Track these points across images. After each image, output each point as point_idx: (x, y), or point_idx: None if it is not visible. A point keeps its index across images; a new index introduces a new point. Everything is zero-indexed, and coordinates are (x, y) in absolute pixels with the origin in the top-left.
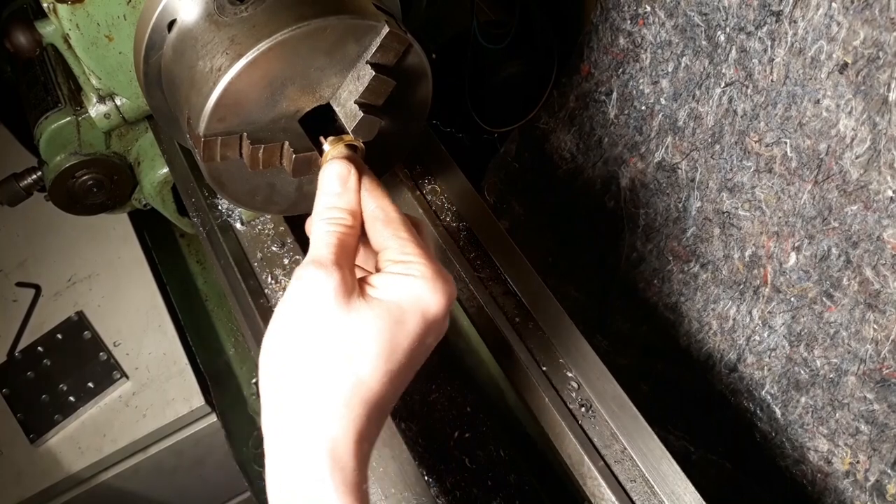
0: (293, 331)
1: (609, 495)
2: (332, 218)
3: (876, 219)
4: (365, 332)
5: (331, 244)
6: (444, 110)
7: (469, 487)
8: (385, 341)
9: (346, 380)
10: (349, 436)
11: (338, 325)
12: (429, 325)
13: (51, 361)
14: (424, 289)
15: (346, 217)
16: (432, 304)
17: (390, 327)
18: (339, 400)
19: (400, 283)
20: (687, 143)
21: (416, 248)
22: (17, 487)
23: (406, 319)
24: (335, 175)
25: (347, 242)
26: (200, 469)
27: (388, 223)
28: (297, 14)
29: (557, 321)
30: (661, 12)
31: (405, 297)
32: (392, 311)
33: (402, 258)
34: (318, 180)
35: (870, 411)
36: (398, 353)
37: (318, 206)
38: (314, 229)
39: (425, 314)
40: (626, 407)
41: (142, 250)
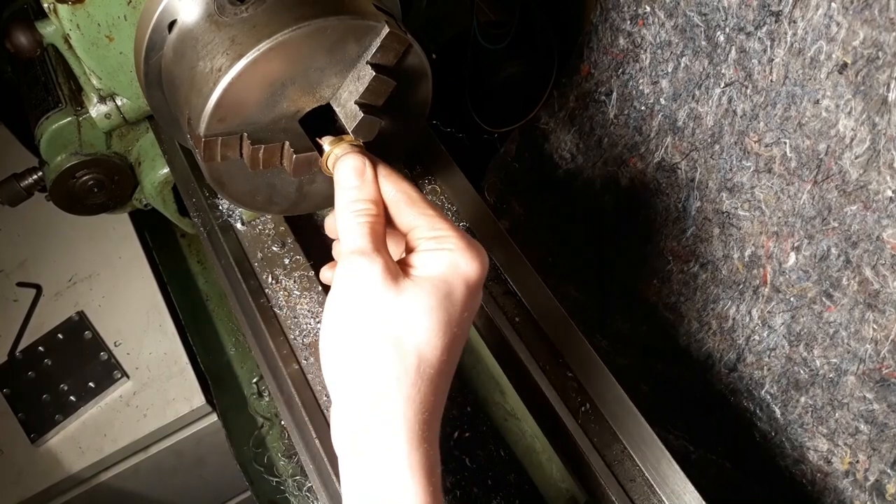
0: (349, 322)
1: (609, 495)
2: (358, 210)
3: (875, 219)
4: (418, 311)
5: (365, 233)
6: (444, 110)
7: (469, 487)
8: (438, 316)
9: (408, 360)
10: (420, 416)
11: (391, 307)
12: (472, 292)
13: (51, 361)
14: (462, 259)
15: (370, 207)
16: (472, 272)
17: (441, 301)
18: (405, 381)
19: (439, 257)
20: (686, 144)
21: (444, 222)
22: (17, 487)
23: (452, 291)
24: (351, 168)
25: (378, 230)
26: (201, 469)
27: (412, 203)
28: (298, 14)
29: (557, 321)
30: (660, 12)
31: (448, 270)
32: (438, 285)
33: (434, 234)
34: (335, 177)
35: (869, 411)
36: (452, 324)
37: (340, 201)
38: (342, 224)
39: (468, 282)
40: (626, 407)
41: (142, 250)
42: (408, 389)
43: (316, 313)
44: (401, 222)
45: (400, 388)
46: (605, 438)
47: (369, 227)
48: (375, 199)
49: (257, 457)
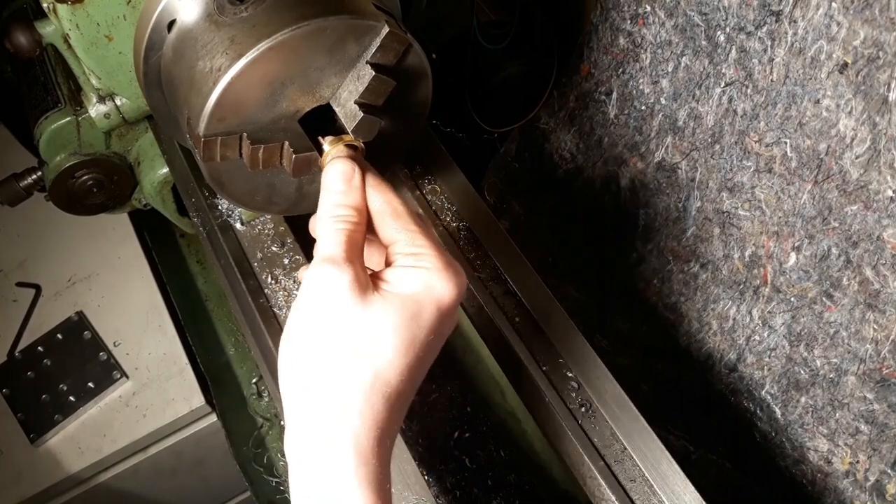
0: (310, 329)
1: (609, 495)
2: (338, 215)
3: (876, 219)
4: (382, 327)
5: (340, 241)
6: (444, 110)
7: (469, 487)
8: (402, 335)
9: (365, 376)
10: (372, 432)
11: (355, 321)
12: (443, 316)
13: (51, 361)
14: (437, 279)
15: (352, 214)
16: (446, 295)
17: (407, 321)
18: (359, 396)
19: (413, 275)
20: (687, 143)
21: (425, 239)
22: (17, 487)
23: (421, 311)
24: (339, 173)
25: (356, 239)
26: (200, 469)
27: (396, 217)
28: (298, 14)
29: (557, 321)
30: (661, 12)
31: (419, 289)
32: (407, 304)
33: (412, 250)
34: (322, 179)
35: (870, 411)
36: (415, 345)
37: (323, 204)
38: (320, 227)
39: (440, 305)
40: (626, 407)
41: (142, 250)
42: (361, 405)
43: None
44: (383, 235)
45: (353, 402)
46: (605, 438)
47: (346, 234)
48: (359, 206)
49: (257, 457)
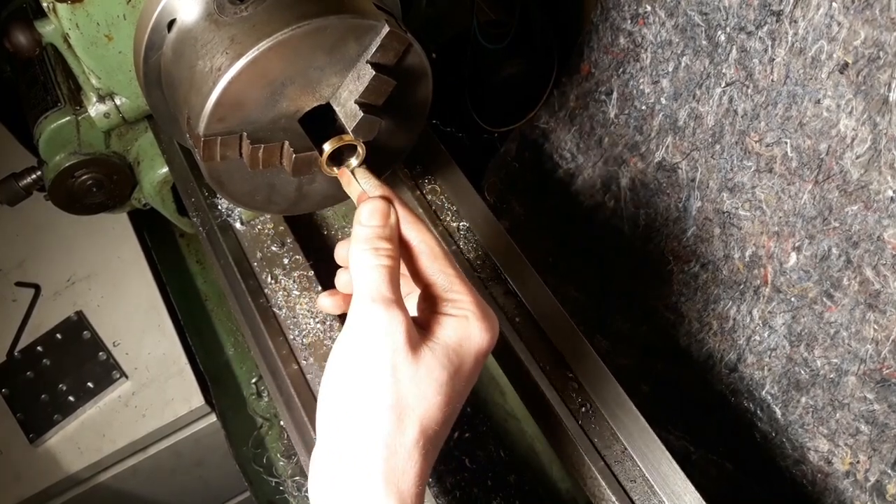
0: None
1: (609, 495)
2: (378, 248)
3: (876, 219)
4: (431, 384)
5: (386, 280)
6: (444, 110)
7: (469, 487)
8: (447, 391)
9: (411, 436)
10: (415, 485)
11: (406, 377)
12: (479, 363)
13: (50, 361)
14: (476, 329)
15: (390, 248)
16: (484, 343)
17: (451, 376)
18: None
19: (456, 325)
20: (687, 143)
21: (462, 285)
22: (16, 487)
23: (463, 364)
24: (375, 210)
25: (396, 277)
26: (200, 469)
27: (434, 258)
28: (298, 13)
29: (557, 321)
30: (661, 12)
31: (461, 340)
32: (451, 357)
33: (452, 296)
34: (357, 216)
35: (870, 411)
36: (455, 397)
37: (360, 236)
38: (360, 259)
39: (478, 354)
40: (626, 407)
41: (141, 250)
42: (405, 463)
43: (315, 313)
44: (420, 273)
45: (399, 460)
46: (606, 439)
47: (390, 272)
48: (395, 241)
49: (256, 457)
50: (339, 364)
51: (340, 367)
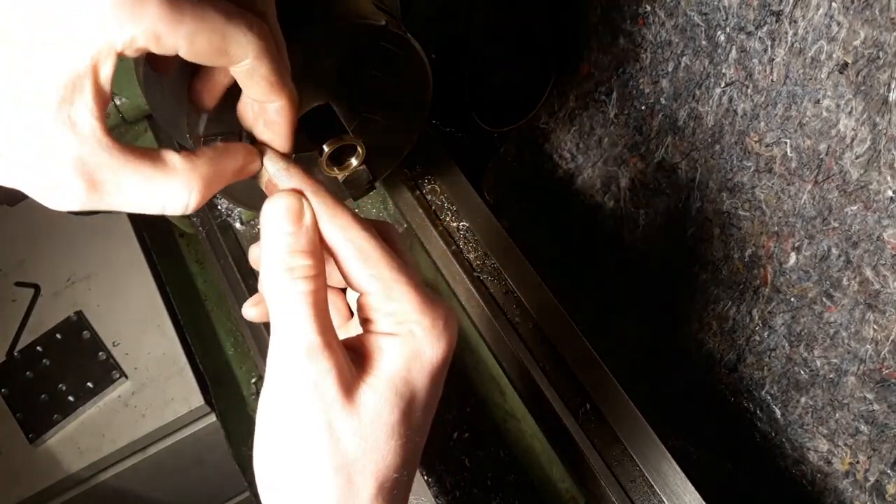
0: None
1: (609, 495)
2: (293, 268)
3: (876, 219)
4: (378, 430)
5: (309, 316)
6: (444, 110)
7: (469, 487)
8: (403, 431)
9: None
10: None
11: (346, 429)
12: (436, 381)
13: (50, 361)
14: (426, 344)
15: (309, 265)
16: (438, 358)
17: (403, 412)
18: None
19: (398, 347)
20: (687, 143)
21: (402, 288)
22: (16, 487)
23: (416, 392)
24: (284, 211)
25: (321, 300)
26: (200, 469)
27: (364, 261)
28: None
29: (557, 321)
30: (661, 12)
31: (409, 363)
32: (399, 390)
33: (391, 307)
34: (262, 221)
35: (870, 411)
36: (413, 434)
37: (270, 254)
38: (273, 288)
39: (433, 373)
40: (626, 407)
41: (141, 250)
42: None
43: None
44: (350, 281)
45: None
46: (605, 438)
47: (312, 300)
48: (314, 249)
49: None
50: (267, 431)
51: (269, 435)
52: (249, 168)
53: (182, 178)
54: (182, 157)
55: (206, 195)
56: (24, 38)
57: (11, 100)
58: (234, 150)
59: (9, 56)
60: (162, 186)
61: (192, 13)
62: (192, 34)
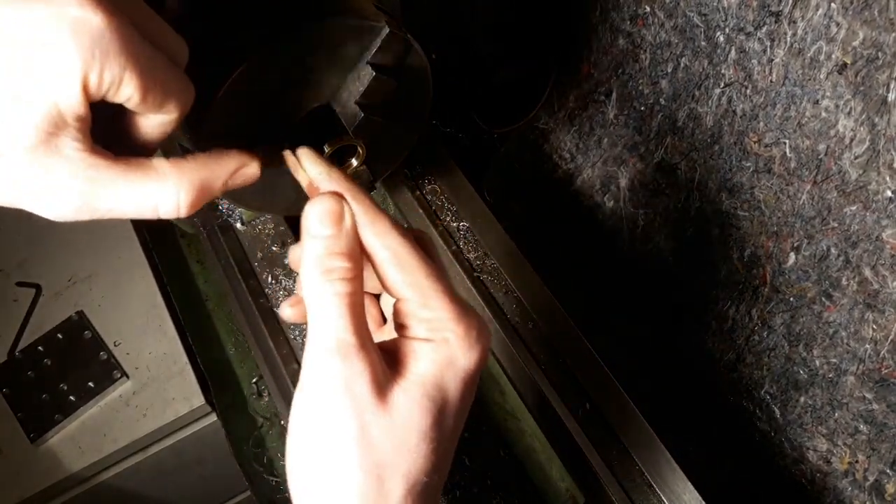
0: (326, 439)
1: (609, 495)
2: (332, 269)
3: (875, 219)
4: (408, 431)
5: (344, 316)
6: (444, 110)
7: (469, 487)
8: (431, 435)
9: (395, 492)
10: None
11: (377, 428)
12: (468, 388)
13: (51, 361)
14: (460, 352)
15: (348, 267)
16: (471, 366)
17: (435, 417)
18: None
19: (432, 353)
20: (686, 144)
21: (437, 296)
22: (17, 487)
23: (448, 398)
24: (325, 213)
25: (358, 302)
26: (201, 468)
27: (401, 267)
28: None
29: (557, 321)
30: (660, 13)
31: (443, 369)
32: (432, 394)
33: (426, 314)
34: (303, 222)
35: (869, 411)
36: (444, 438)
37: (310, 254)
38: (311, 288)
39: (465, 380)
40: (626, 407)
41: (142, 250)
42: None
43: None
44: (386, 286)
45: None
46: (605, 438)
47: (348, 301)
48: (354, 251)
49: (257, 457)
50: (301, 433)
51: (303, 437)
52: (246, 173)
53: (171, 182)
54: (170, 162)
55: (198, 198)
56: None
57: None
58: (226, 155)
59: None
60: (152, 192)
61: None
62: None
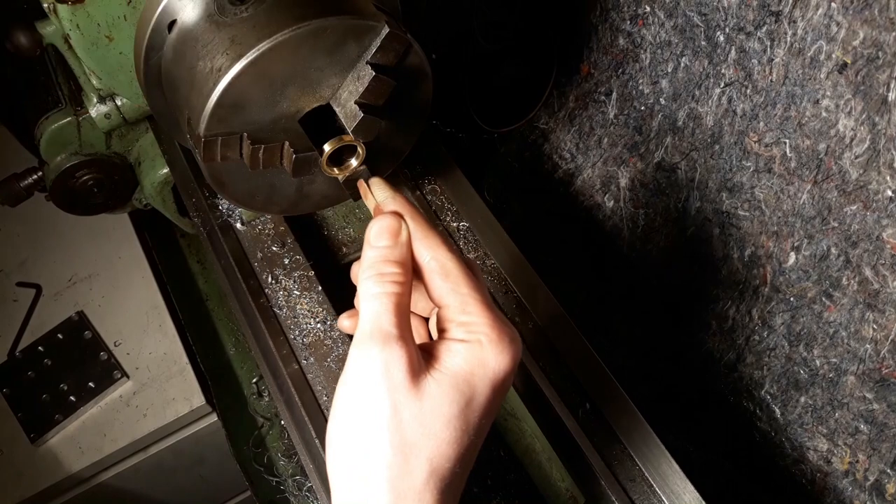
0: (360, 416)
1: (609, 494)
2: (384, 273)
3: (875, 219)
4: (436, 420)
5: (389, 310)
6: (444, 110)
7: (469, 486)
8: (457, 425)
9: (419, 473)
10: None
11: (408, 411)
12: (496, 392)
13: (51, 361)
14: (491, 354)
15: (398, 273)
16: (501, 369)
17: (462, 409)
18: (413, 495)
19: (465, 351)
20: (686, 143)
21: (476, 304)
22: (17, 487)
23: (476, 394)
24: (385, 228)
25: (403, 303)
26: (201, 468)
27: (446, 277)
28: (298, 14)
29: (557, 321)
30: (660, 12)
31: (472, 367)
32: (460, 387)
33: (464, 319)
34: (366, 234)
35: (869, 411)
36: (470, 432)
37: (366, 261)
38: (365, 287)
39: (494, 381)
40: (626, 407)
41: (142, 250)
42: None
43: (316, 313)
44: (432, 294)
45: (406, 500)
46: (605, 438)
47: (394, 300)
48: (405, 262)
49: (257, 457)
50: (341, 409)
51: (342, 413)
52: None
53: None
54: None
55: None
56: None
57: None
58: None
59: None
60: None
61: None
62: None
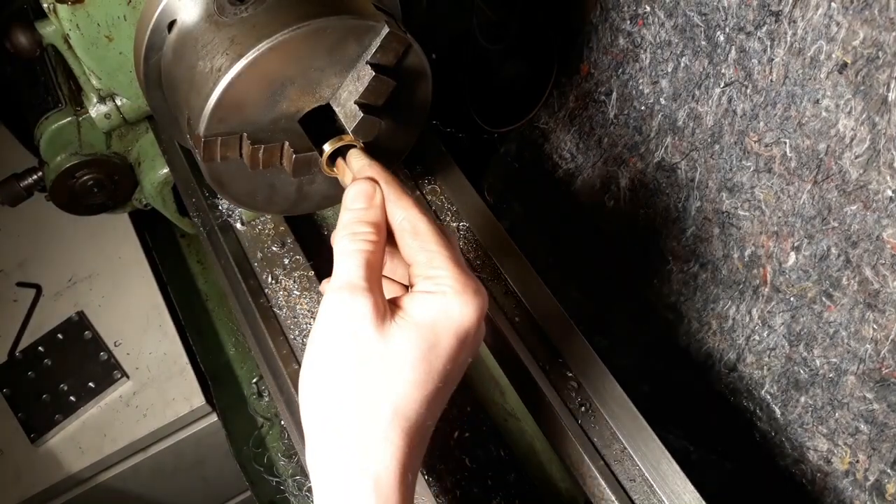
0: (328, 359)
1: (609, 495)
2: (357, 233)
3: (875, 218)
4: (399, 361)
5: (359, 264)
6: (444, 110)
7: (469, 487)
8: (420, 367)
9: (383, 412)
10: (392, 469)
11: (372, 353)
12: (462, 342)
13: (51, 361)
14: (455, 304)
15: (370, 232)
16: (465, 320)
17: (424, 353)
18: (378, 433)
19: (430, 301)
20: (686, 143)
21: (443, 259)
22: (17, 487)
23: (439, 341)
24: (360, 192)
25: (374, 260)
26: (201, 469)
27: (415, 235)
28: (298, 14)
29: (557, 321)
30: (660, 12)
31: (436, 316)
32: (424, 333)
33: (430, 272)
34: (343, 199)
35: (869, 411)
36: (433, 376)
37: (341, 222)
38: (338, 245)
39: (458, 331)
40: (626, 407)
41: (142, 250)
42: (379, 442)
43: (315, 313)
44: (404, 253)
45: (371, 439)
46: (605, 438)
47: (365, 256)
48: (379, 223)
49: (257, 457)
50: (311, 359)
51: (312, 363)
52: None
53: None
54: None
55: None
56: None
57: None
58: None
59: None
60: None
61: None
62: None
